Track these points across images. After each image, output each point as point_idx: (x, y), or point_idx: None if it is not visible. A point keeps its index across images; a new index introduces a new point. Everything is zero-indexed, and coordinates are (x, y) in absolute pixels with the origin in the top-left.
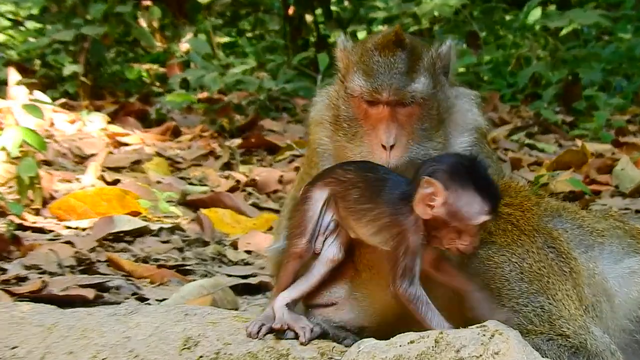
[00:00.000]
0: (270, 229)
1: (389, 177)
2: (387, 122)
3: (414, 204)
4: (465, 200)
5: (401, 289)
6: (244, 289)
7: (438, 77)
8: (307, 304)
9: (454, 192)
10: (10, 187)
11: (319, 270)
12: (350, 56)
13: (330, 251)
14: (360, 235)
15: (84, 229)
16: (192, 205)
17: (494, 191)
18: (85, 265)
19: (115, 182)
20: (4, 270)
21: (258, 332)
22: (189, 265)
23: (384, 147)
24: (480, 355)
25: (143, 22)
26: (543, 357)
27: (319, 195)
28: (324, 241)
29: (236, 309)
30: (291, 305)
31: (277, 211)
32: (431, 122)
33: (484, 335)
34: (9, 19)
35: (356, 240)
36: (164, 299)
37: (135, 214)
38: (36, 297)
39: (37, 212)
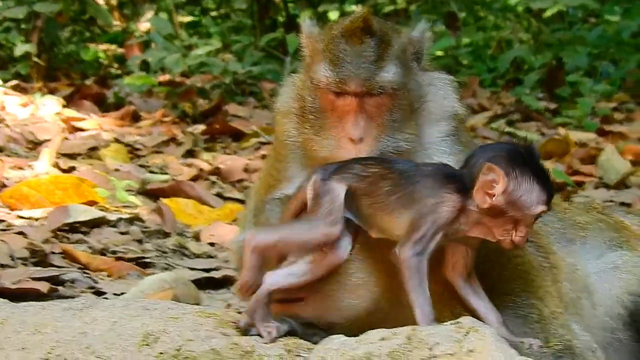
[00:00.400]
0: (235, 220)
1: (425, 166)
2: (355, 114)
3: (474, 192)
4: (525, 187)
5: (408, 254)
6: (207, 283)
7: (410, 65)
8: (275, 298)
9: (515, 179)
10: None
11: (319, 270)
12: (316, 43)
13: (338, 253)
14: (390, 230)
15: (37, 219)
16: (152, 194)
17: (549, 181)
18: (38, 257)
19: (71, 169)
20: None
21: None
22: (148, 257)
23: (352, 140)
24: (455, 353)
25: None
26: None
27: (340, 189)
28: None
29: (198, 304)
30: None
31: (242, 201)
32: (402, 112)
33: (459, 332)
34: None
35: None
36: (122, 293)
37: (91, 203)
38: None
39: None
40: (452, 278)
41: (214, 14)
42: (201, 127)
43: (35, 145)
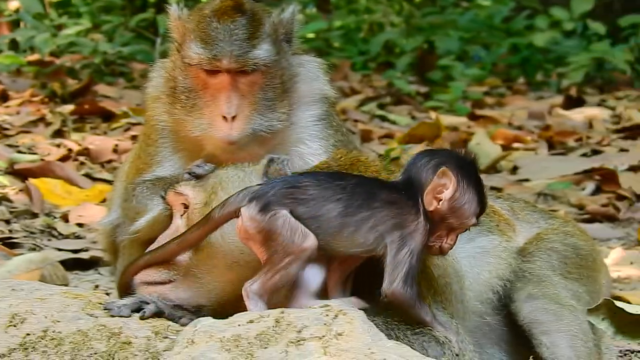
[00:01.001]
0: (104, 201)
1: (366, 180)
2: (228, 91)
3: (424, 196)
4: (467, 197)
5: (402, 291)
6: (75, 264)
7: (281, 44)
8: (142, 281)
9: (462, 188)
10: None
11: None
12: (187, 24)
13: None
14: (336, 250)
15: None
16: (20, 174)
17: (485, 196)
18: None
19: None
20: None
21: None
22: (16, 238)
23: (225, 118)
24: (323, 336)
25: None
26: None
27: (285, 212)
28: None
29: (66, 285)
30: None
31: (111, 182)
32: (274, 91)
33: (327, 315)
34: None
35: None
36: None
37: None
38: None
39: None
40: (332, 286)
41: None
42: (70, 107)
43: None
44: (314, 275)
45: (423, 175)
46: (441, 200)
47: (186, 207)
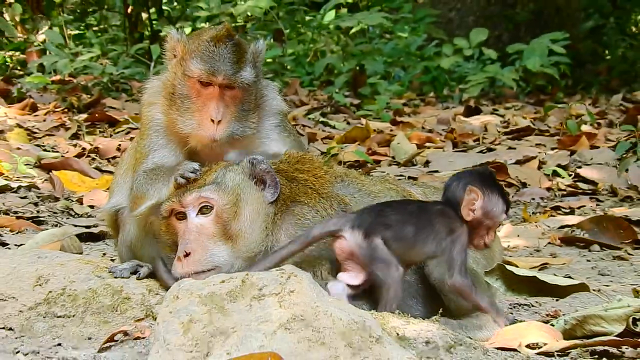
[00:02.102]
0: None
1: (423, 204)
2: (217, 101)
3: (462, 210)
4: (494, 202)
5: (460, 280)
6: (88, 237)
7: (258, 69)
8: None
9: (488, 196)
10: None
11: None
12: (188, 45)
13: None
14: (408, 259)
15: None
16: (46, 168)
17: (506, 196)
18: None
19: None
20: None
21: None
22: (42, 217)
23: (212, 121)
24: (279, 293)
25: (7, 16)
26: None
27: (379, 241)
28: None
29: (80, 253)
30: None
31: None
32: (249, 105)
33: (282, 277)
34: None
35: None
36: (21, 244)
37: None
38: None
39: None
40: None
41: (95, 28)
42: (84, 116)
43: None
44: None
45: (457, 195)
46: (474, 210)
47: (209, 208)
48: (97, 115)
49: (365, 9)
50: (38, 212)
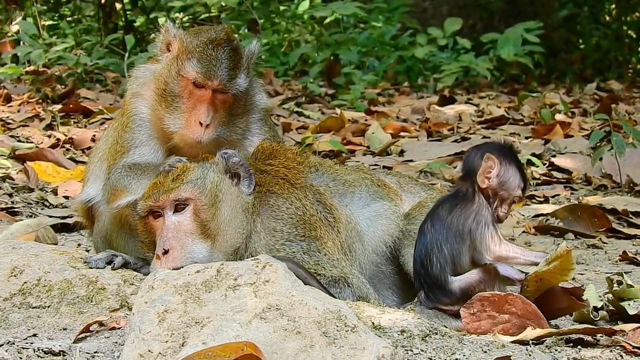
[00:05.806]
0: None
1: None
2: (208, 104)
3: (477, 177)
4: (510, 173)
5: (500, 249)
6: (62, 228)
7: (251, 73)
8: None
9: (505, 166)
10: None
11: None
12: (185, 43)
13: None
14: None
15: None
16: (21, 158)
17: (525, 173)
18: None
19: None
20: None
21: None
22: (17, 207)
23: (200, 124)
24: (254, 283)
25: None
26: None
27: None
28: None
29: (55, 244)
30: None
31: None
32: (238, 109)
33: (257, 266)
34: None
35: None
36: None
37: None
38: None
39: None
40: None
41: (69, 19)
42: (58, 107)
43: None
44: None
45: (475, 163)
46: (490, 178)
47: (185, 206)
48: (71, 105)
49: None
50: (12, 202)
